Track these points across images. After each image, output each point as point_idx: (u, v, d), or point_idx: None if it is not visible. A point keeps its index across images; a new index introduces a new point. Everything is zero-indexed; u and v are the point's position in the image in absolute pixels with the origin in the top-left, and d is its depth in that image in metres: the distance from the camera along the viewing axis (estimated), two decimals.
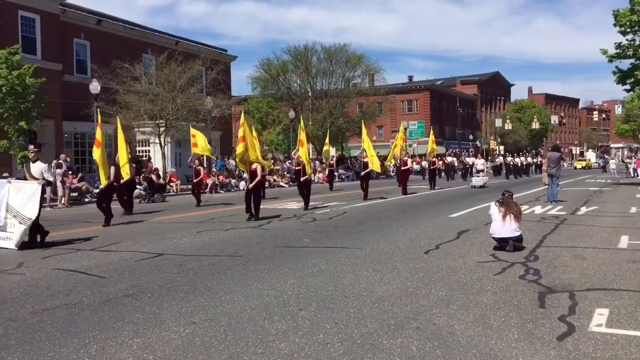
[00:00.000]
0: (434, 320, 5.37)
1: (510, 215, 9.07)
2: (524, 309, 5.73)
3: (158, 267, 8.24)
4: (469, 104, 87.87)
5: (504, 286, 6.69)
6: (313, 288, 6.73)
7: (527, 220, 12.34)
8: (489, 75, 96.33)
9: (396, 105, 72.41)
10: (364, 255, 8.94)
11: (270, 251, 9.47)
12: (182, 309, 5.91)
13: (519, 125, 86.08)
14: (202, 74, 36.19)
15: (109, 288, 6.91)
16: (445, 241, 10.21)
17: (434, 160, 28.42)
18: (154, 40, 36.33)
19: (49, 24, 27.96)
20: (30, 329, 5.34)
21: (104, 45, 32.31)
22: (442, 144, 75.86)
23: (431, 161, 28.39)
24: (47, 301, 6.35)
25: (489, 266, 7.89)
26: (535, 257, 8.48)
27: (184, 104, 29.80)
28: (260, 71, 52.68)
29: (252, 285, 6.92)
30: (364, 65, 53.43)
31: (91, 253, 9.62)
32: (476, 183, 27.69)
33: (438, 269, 7.72)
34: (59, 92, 27.21)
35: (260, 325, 5.32)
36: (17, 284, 7.28)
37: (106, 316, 5.70)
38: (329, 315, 5.58)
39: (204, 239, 11.15)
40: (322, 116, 49.10)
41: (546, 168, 19.05)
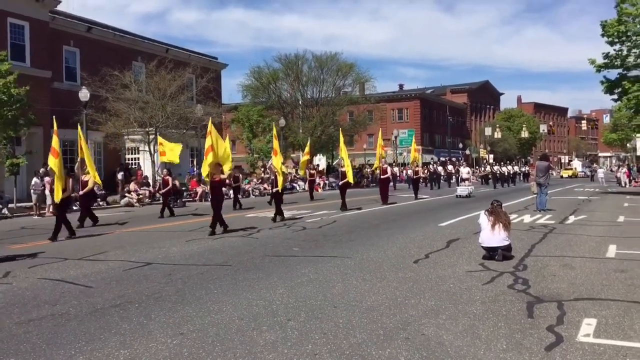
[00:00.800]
0: (423, 331, 5.36)
1: (500, 225, 9.09)
2: (513, 319, 5.74)
3: (146, 276, 8.18)
4: (459, 113, 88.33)
5: (493, 296, 6.70)
6: (302, 298, 6.71)
7: (516, 229, 12.38)
8: (478, 84, 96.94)
9: (387, 113, 72.67)
10: (354, 264, 8.93)
11: (259, 260, 9.43)
12: (170, 319, 5.87)
13: (508, 134, 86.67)
14: (193, 82, 36.13)
15: (96, 298, 6.85)
16: (435, 250, 10.23)
17: (417, 170, 27.71)
18: (144, 48, 36.26)
19: (38, 31, 27.83)
20: (15, 339, 5.28)
21: (94, 52, 32.18)
22: (432, 152, 76.20)
23: (414, 170, 27.75)
24: (33, 311, 6.28)
25: (478, 275, 7.91)
26: (524, 267, 8.50)
27: (174, 111, 29.74)
28: (251, 79, 52.77)
29: (241, 295, 6.88)
30: (355, 73, 53.65)
31: (79, 262, 9.54)
32: (461, 192, 26.83)
33: (427, 279, 7.72)
34: (48, 100, 27.05)
35: (248, 335, 5.29)
36: (2, 294, 7.20)
37: (93, 327, 5.64)
38: (318, 326, 5.56)
39: (193, 247, 11.10)
40: (312, 124, 49.15)
41: (535, 177, 19.16)
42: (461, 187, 28.03)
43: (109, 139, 30.03)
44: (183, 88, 32.05)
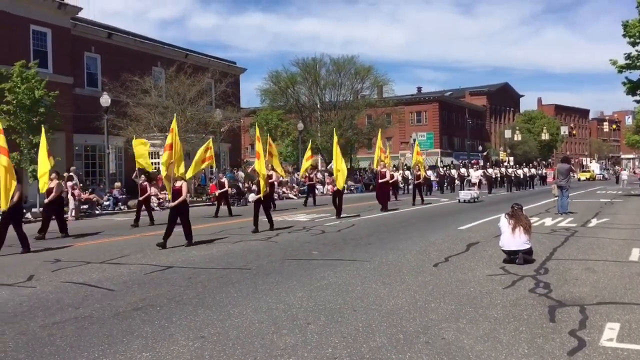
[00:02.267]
0: (443, 335, 5.34)
1: (520, 228, 9.03)
2: (534, 323, 5.70)
3: (167, 280, 8.26)
4: (478, 115, 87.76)
5: (514, 300, 6.65)
6: (322, 301, 6.72)
7: (537, 232, 12.27)
8: (498, 86, 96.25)
9: (405, 116, 72.43)
10: (373, 268, 8.92)
11: (279, 264, 9.47)
12: (191, 322, 5.92)
13: (528, 136, 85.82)
14: (212, 87, 36.40)
15: (118, 301, 6.93)
16: (455, 254, 10.17)
17: (419, 174, 25.43)
18: (164, 53, 36.61)
19: (60, 37, 28.23)
20: (40, 342, 5.36)
21: (115, 58, 32.59)
22: (452, 155, 75.80)
23: (416, 174, 25.50)
24: (56, 314, 6.37)
25: (499, 279, 7.85)
26: (545, 270, 8.42)
27: (193, 116, 30.00)
28: (269, 83, 52.97)
29: (261, 299, 6.92)
30: (373, 76, 53.58)
31: (101, 266, 9.66)
32: (464, 197, 25.19)
33: (447, 282, 7.69)
34: (70, 105, 27.43)
35: (268, 339, 5.32)
36: (27, 297, 7.32)
37: (115, 330, 5.71)
38: (338, 329, 5.57)
39: (212, 251, 11.17)
40: (330, 128, 49.16)
41: (556, 179, 18.97)
42: (464, 192, 26.63)
43: (129, 143, 30.31)
44: (202, 93, 32.30)
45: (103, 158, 29.61)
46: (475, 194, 26.17)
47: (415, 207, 22.27)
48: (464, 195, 25.62)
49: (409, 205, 23.22)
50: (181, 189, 12.15)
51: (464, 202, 24.51)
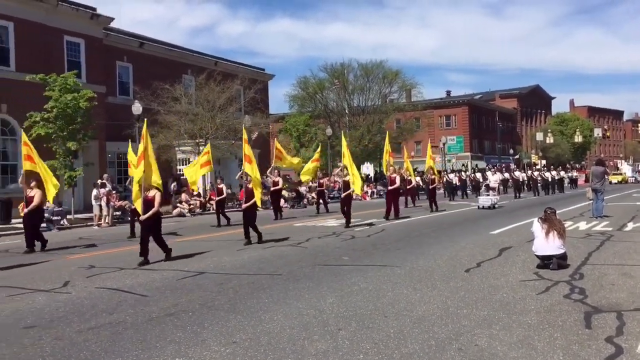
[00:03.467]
0: (476, 341, 5.27)
1: (554, 232, 8.87)
2: (570, 329, 5.59)
3: (199, 285, 8.34)
4: (509, 118, 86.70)
5: (548, 306, 6.53)
6: (352, 307, 6.70)
7: (572, 236, 12.04)
8: (528, 88, 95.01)
9: (434, 120, 72.00)
10: (403, 273, 8.86)
11: (309, 269, 9.48)
12: (222, 328, 5.96)
13: (561, 139, 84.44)
14: (241, 93, 36.73)
15: (151, 307, 7.02)
16: (487, 259, 10.05)
17: (433, 178, 24.23)
18: (194, 61, 37.09)
19: (93, 47, 28.86)
20: (75, 347, 5.46)
21: (146, 67, 33.16)
22: (482, 159, 74.97)
23: (430, 179, 24.28)
24: (91, 320, 6.49)
25: (533, 285, 7.72)
26: (580, 276, 8.26)
27: (222, 123, 30.31)
28: (297, 89, 53.23)
29: (291, 304, 6.93)
30: (401, 80, 53.43)
31: (134, 271, 9.80)
32: (483, 203, 23.65)
33: (479, 288, 7.59)
34: (103, 114, 27.98)
35: (300, 344, 5.33)
36: (62, 303, 7.46)
37: (149, 335, 5.79)
38: (369, 335, 5.54)
39: (243, 257, 11.24)
40: (359, 133, 49.16)
41: (590, 182, 18.60)
42: (483, 197, 24.88)
43: (161, 150, 30.75)
44: (231, 99, 32.63)
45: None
46: (495, 199, 24.66)
47: (435, 214, 21.45)
48: (484, 201, 24.04)
49: (427, 212, 22.23)
50: (154, 200, 10.88)
51: (482, 208, 23.16)
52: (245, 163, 13.59)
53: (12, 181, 24.75)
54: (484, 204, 23.42)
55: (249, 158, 13.39)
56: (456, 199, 33.15)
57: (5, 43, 25.01)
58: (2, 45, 24.88)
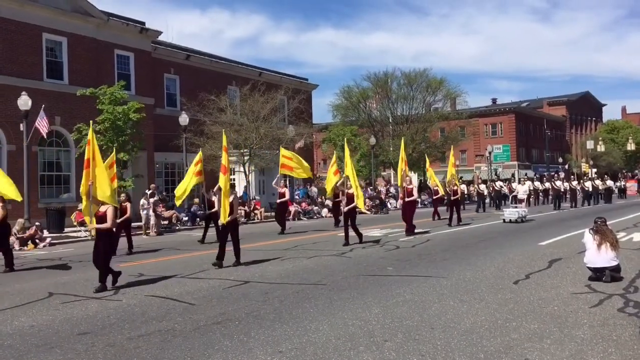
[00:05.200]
0: (527, 355, 5.16)
1: (607, 244, 8.62)
2: (624, 344, 5.41)
3: (245, 294, 8.42)
4: (558, 126, 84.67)
5: (602, 319, 6.34)
6: (398, 318, 6.65)
7: (625, 248, 11.65)
8: (578, 95, 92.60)
9: (479, 128, 70.93)
10: (450, 284, 8.75)
11: (354, 280, 9.46)
12: (268, 337, 6.00)
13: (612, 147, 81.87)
14: (284, 104, 37.05)
15: (199, 315, 7.13)
16: (536, 270, 9.82)
17: (455, 189, 21.96)
18: (238, 72, 37.65)
19: (142, 61, 29.65)
20: (127, 354, 5.59)
21: (192, 78, 33.84)
22: (530, 168, 73.42)
23: (452, 190, 22.00)
24: (142, 327, 6.63)
25: (585, 298, 7.51)
26: (635, 289, 7.98)
27: (266, 133, 30.59)
28: (340, 99, 53.30)
29: (336, 315, 6.92)
30: (445, 89, 52.83)
31: (182, 280, 9.98)
32: (509, 216, 21.37)
33: (529, 300, 7.43)
34: (151, 125, 28.67)
35: (346, 355, 5.32)
36: (114, 310, 7.65)
37: (197, 343, 5.87)
38: (416, 347, 5.49)
39: (288, 266, 11.30)
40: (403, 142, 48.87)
41: None
42: (510, 210, 22.48)
43: (207, 161, 31.24)
44: (275, 110, 32.94)
45: (182, 175, 30.65)
46: (523, 212, 22.16)
47: (464, 227, 19.83)
48: (510, 214, 21.69)
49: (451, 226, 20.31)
50: (106, 215, 9.66)
51: (509, 222, 20.96)
52: (220, 174, 12.31)
53: (65, 191, 25.54)
54: (511, 218, 21.30)
55: (225, 168, 12.10)
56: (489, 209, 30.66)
57: (59, 57, 25.93)
58: (56, 60, 25.81)
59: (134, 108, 22.67)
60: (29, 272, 12.24)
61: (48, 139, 23.77)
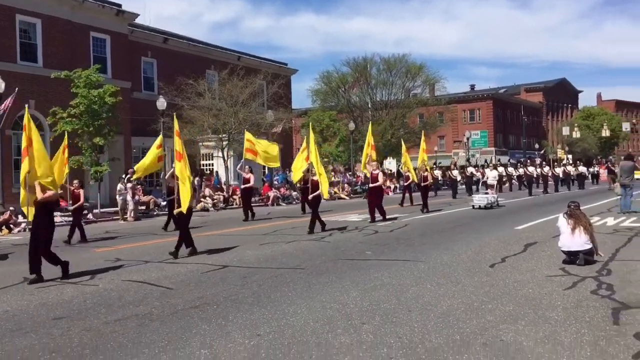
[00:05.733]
0: (502, 336, 5.24)
1: (580, 228, 8.76)
2: (597, 325, 5.52)
3: (223, 279, 8.41)
4: (534, 112, 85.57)
5: (575, 301, 6.46)
6: (376, 301, 6.70)
7: (599, 232, 11.82)
8: (554, 82, 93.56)
9: (458, 114, 71.36)
10: (427, 268, 8.83)
11: (332, 264, 9.49)
12: (247, 321, 6.01)
13: (587, 133, 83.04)
14: (264, 88, 36.86)
15: (176, 299, 7.11)
16: (512, 254, 9.96)
17: (426, 175, 21.42)
18: (217, 56, 37.29)
19: (118, 43, 29.18)
20: (103, 338, 5.55)
21: (170, 62, 33.45)
22: (507, 154, 74.18)
23: (423, 175, 21.30)
24: (118, 312, 6.59)
25: (559, 280, 7.64)
26: (608, 271, 8.14)
27: (245, 118, 30.40)
28: (320, 84, 53.16)
29: (315, 298, 6.95)
30: (424, 75, 52.96)
31: (159, 265, 9.92)
32: (478, 202, 20.91)
33: (504, 283, 7.53)
34: (128, 109, 28.30)
35: (323, 338, 5.34)
36: (90, 295, 7.59)
37: (175, 327, 5.86)
38: (393, 330, 5.54)
39: (266, 251, 11.30)
40: (382, 127, 48.96)
41: (619, 178, 18.28)
42: (479, 196, 21.91)
43: (184, 145, 31.02)
44: (254, 95, 32.74)
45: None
46: (493, 198, 21.77)
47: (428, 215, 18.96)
48: (479, 200, 21.19)
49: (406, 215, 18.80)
50: (46, 202, 9.08)
51: (478, 208, 20.60)
52: (175, 161, 11.62)
53: None
54: (480, 204, 20.86)
55: (180, 154, 11.38)
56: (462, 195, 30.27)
57: (33, 39, 25.40)
58: (30, 42, 25.28)
59: (110, 91, 22.34)
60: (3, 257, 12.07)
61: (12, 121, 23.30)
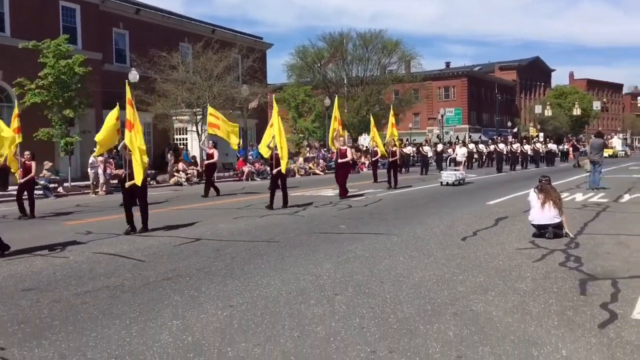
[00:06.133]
0: (472, 307, 5.31)
1: (550, 202, 8.91)
2: (564, 296, 5.63)
3: (196, 251, 8.36)
4: (508, 90, 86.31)
5: (544, 273, 6.58)
6: (349, 273, 6.74)
7: (568, 207, 12.06)
8: (528, 60, 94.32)
9: (433, 92, 71.63)
10: (400, 241, 8.90)
11: (306, 237, 9.51)
12: (219, 292, 5.99)
13: (559, 112, 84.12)
14: (239, 62, 36.41)
15: (148, 271, 7.05)
16: (483, 228, 10.09)
17: (394, 150, 20.84)
18: (191, 29, 36.64)
19: (88, 13, 28.44)
20: (73, 310, 5.49)
21: (142, 34, 32.75)
22: (480, 131, 74.84)
23: (391, 151, 20.67)
24: (89, 283, 6.51)
25: (528, 253, 7.77)
26: (576, 245, 8.30)
27: (220, 92, 30.04)
28: (295, 59, 52.73)
29: (288, 270, 6.96)
30: (400, 51, 52.88)
31: (131, 237, 9.82)
32: (447, 179, 20.75)
33: (475, 256, 7.63)
34: (99, 81, 27.73)
35: (296, 309, 5.36)
36: (60, 267, 7.48)
37: (146, 298, 5.81)
38: (365, 300, 5.58)
39: (240, 225, 11.26)
40: (358, 104, 48.91)
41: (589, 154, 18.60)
42: (447, 173, 21.62)
43: (157, 119, 30.64)
44: (229, 69, 32.32)
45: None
46: (461, 174, 21.67)
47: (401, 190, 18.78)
48: (447, 177, 20.98)
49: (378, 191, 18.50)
50: None
51: (446, 184, 20.47)
52: (126, 130, 10.59)
53: None
54: (448, 181, 20.71)
55: (130, 124, 10.42)
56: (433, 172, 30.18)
57: (1, 8, 24.64)
58: None
59: (79, 61, 21.82)
60: None
61: None
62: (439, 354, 4.17)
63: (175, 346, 4.43)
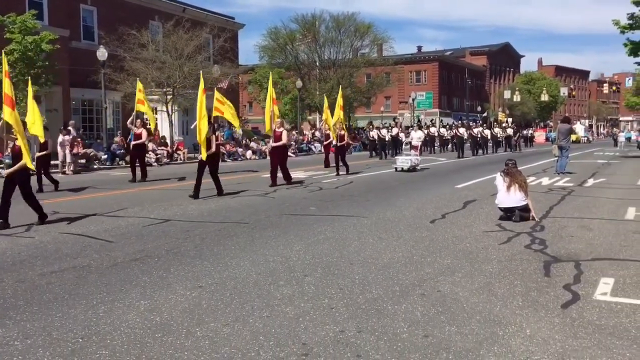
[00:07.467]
0: (439, 288, 5.39)
1: (516, 185, 9.06)
2: (529, 277, 5.75)
3: (165, 232, 8.29)
4: (478, 76, 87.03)
5: (510, 255, 6.71)
6: (319, 255, 6.77)
7: (534, 191, 12.31)
8: (498, 46, 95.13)
9: (404, 75, 71.90)
10: (370, 223, 8.96)
11: (276, 218, 9.50)
12: (188, 273, 5.96)
13: (528, 97, 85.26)
14: (210, 42, 35.90)
15: (116, 252, 6.97)
16: (451, 211, 10.22)
17: (343, 134, 19.42)
18: (161, 7, 35.96)
19: None
20: (38, 290, 5.41)
21: (111, 11, 32.01)
22: (450, 116, 75.46)
23: (339, 134, 19.28)
24: (55, 264, 6.41)
25: (495, 235, 7.90)
26: (541, 228, 8.47)
27: (191, 71, 29.60)
28: (267, 40, 52.22)
29: (258, 252, 6.96)
30: (373, 34, 52.81)
31: (99, 218, 9.69)
32: (401, 165, 19.90)
33: (444, 238, 7.74)
34: (67, 59, 27.09)
35: (266, 289, 5.37)
36: (25, 247, 7.35)
37: (114, 279, 5.76)
38: (334, 281, 5.62)
39: (210, 206, 11.19)
40: (329, 86, 48.76)
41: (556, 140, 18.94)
42: (402, 158, 20.71)
43: (127, 98, 30.06)
44: (200, 48, 31.88)
45: (100, 113, 29.41)
46: (416, 160, 20.69)
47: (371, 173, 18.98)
48: (402, 162, 20.10)
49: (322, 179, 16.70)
50: None
51: (401, 170, 19.62)
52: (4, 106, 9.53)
53: None
54: (402, 166, 19.85)
55: (10, 99, 9.48)
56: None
57: None
58: None
59: (47, 39, 21.29)
60: None
61: None
62: (406, 334, 4.23)
63: (143, 326, 4.40)
